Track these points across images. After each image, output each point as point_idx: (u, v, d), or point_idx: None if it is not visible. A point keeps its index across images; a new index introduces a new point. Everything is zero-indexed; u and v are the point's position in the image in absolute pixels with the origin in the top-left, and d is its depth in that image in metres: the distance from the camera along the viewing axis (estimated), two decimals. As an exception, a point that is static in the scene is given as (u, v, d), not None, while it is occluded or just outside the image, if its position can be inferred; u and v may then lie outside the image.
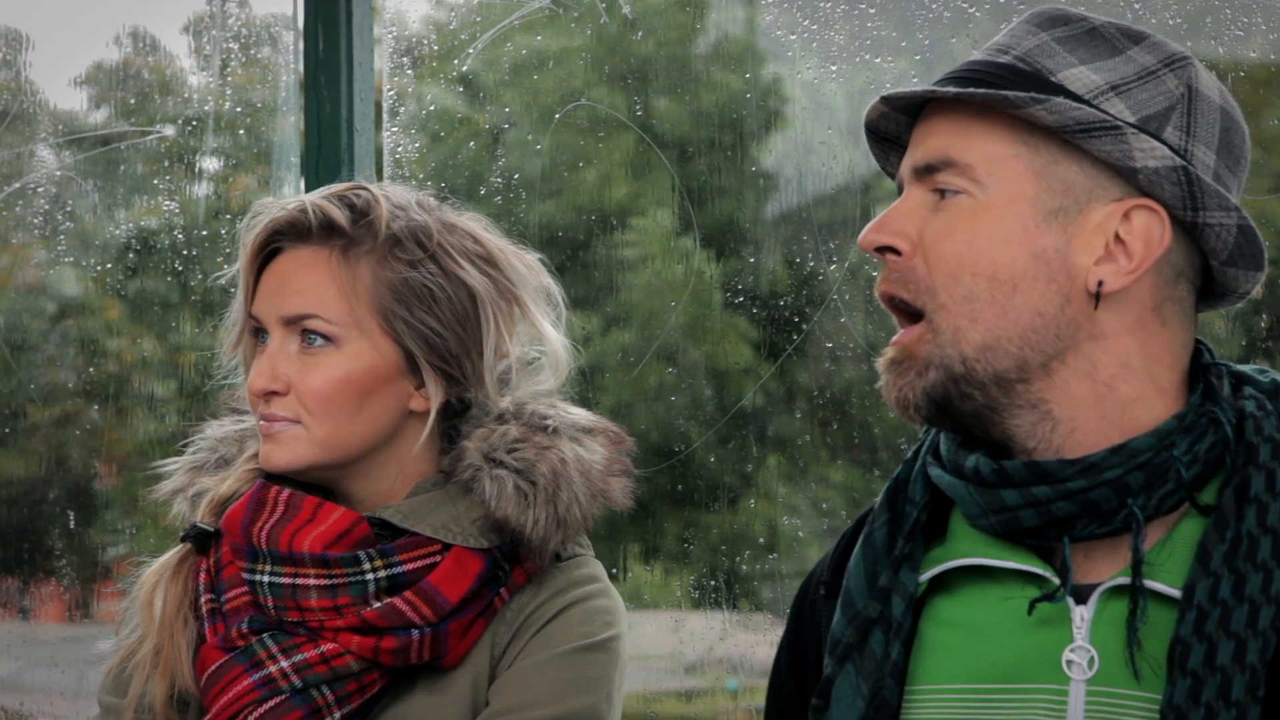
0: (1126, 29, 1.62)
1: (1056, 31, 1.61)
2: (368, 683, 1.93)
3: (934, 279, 1.58)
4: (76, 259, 3.51)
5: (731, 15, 3.17)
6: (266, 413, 1.96)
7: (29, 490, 3.51)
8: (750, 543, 3.10)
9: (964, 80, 1.61)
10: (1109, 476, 1.53)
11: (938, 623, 1.63)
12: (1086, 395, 1.57)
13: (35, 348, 3.52)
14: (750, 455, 3.12)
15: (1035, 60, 1.59)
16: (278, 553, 1.93)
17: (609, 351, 3.17)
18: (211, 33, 3.45)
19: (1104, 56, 1.60)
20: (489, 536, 1.94)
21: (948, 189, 1.59)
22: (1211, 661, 1.46)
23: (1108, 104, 1.56)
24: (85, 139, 3.48)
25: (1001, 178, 1.57)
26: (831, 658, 1.63)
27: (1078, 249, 1.56)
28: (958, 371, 1.58)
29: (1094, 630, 1.54)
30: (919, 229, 1.60)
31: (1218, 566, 1.49)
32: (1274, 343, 2.88)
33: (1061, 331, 1.57)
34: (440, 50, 3.29)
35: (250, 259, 2.00)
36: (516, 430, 1.98)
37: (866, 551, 1.66)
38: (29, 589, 3.51)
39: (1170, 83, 1.59)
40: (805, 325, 3.06)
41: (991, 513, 1.58)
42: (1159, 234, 1.56)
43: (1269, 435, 1.55)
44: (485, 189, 3.21)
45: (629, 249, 3.17)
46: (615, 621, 2.00)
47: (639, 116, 3.14)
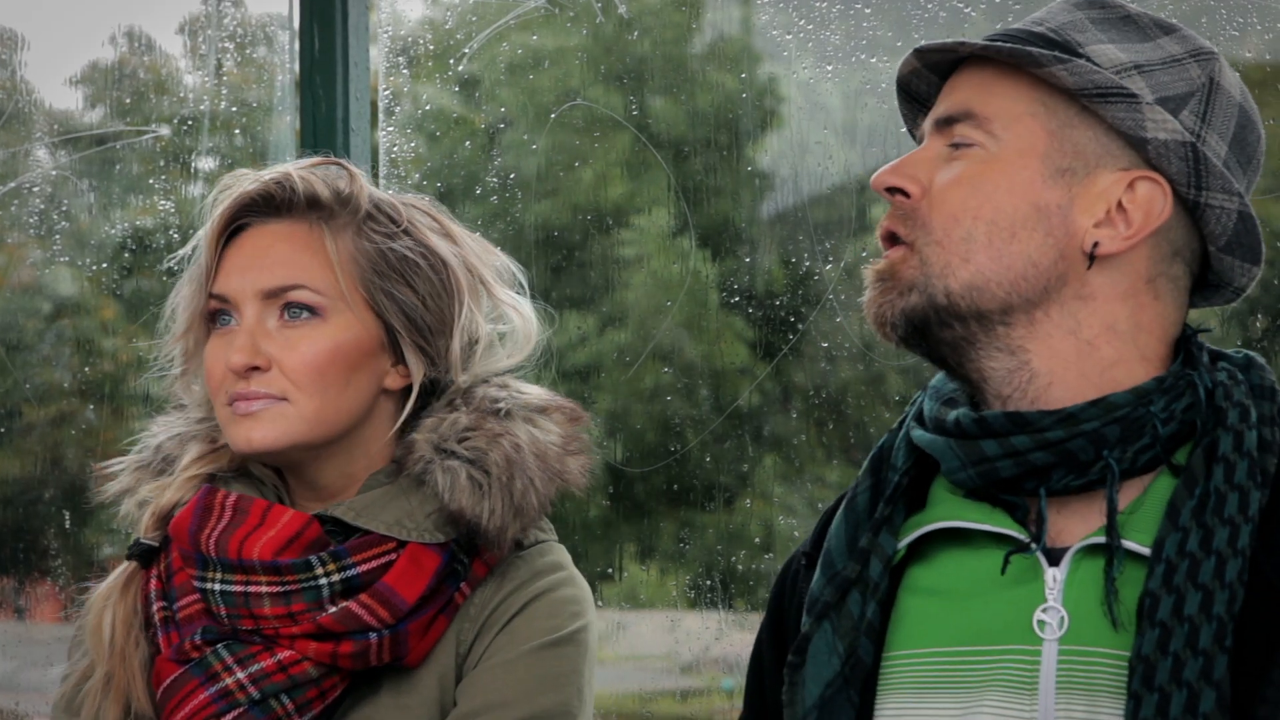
0: (1160, 20, 1.67)
1: (1092, 12, 1.66)
2: (328, 688, 1.88)
3: (934, 219, 1.62)
4: (72, 259, 3.50)
5: (727, 15, 3.17)
6: (244, 391, 1.89)
7: (24, 490, 3.51)
8: (746, 542, 3.10)
9: (998, 39, 1.66)
10: (1086, 428, 1.57)
11: (914, 590, 1.65)
12: (1068, 350, 1.61)
13: (31, 347, 3.52)
14: (746, 455, 3.12)
15: (1066, 32, 1.64)
16: (227, 560, 1.87)
17: (605, 351, 3.17)
18: (207, 32, 3.45)
19: (1133, 40, 1.64)
20: (445, 530, 1.89)
21: (962, 142, 1.63)
22: (1179, 612, 1.49)
23: (1129, 80, 1.61)
24: (81, 138, 3.48)
25: (1016, 133, 1.62)
26: (809, 615, 1.65)
27: (1080, 209, 1.60)
28: (940, 302, 1.62)
29: (1066, 591, 1.57)
30: (930, 176, 1.64)
31: (1186, 521, 1.53)
32: (1269, 343, 2.88)
33: (1051, 284, 1.61)
34: (436, 50, 3.29)
35: (216, 234, 1.93)
36: (466, 418, 1.93)
37: (848, 515, 1.69)
38: (24, 589, 3.51)
39: (1193, 71, 1.63)
40: (801, 325, 3.06)
41: (971, 464, 1.61)
42: (1160, 206, 1.60)
43: (1238, 401, 1.59)
44: (481, 188, 3.21)
45: (625, 248, 3.17)
46: (582, 611, 1.95)
47: (635, 116, 3.14)
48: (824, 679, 1.62)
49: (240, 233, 1.94)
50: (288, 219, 1.93)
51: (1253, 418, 1.58)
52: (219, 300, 1.93)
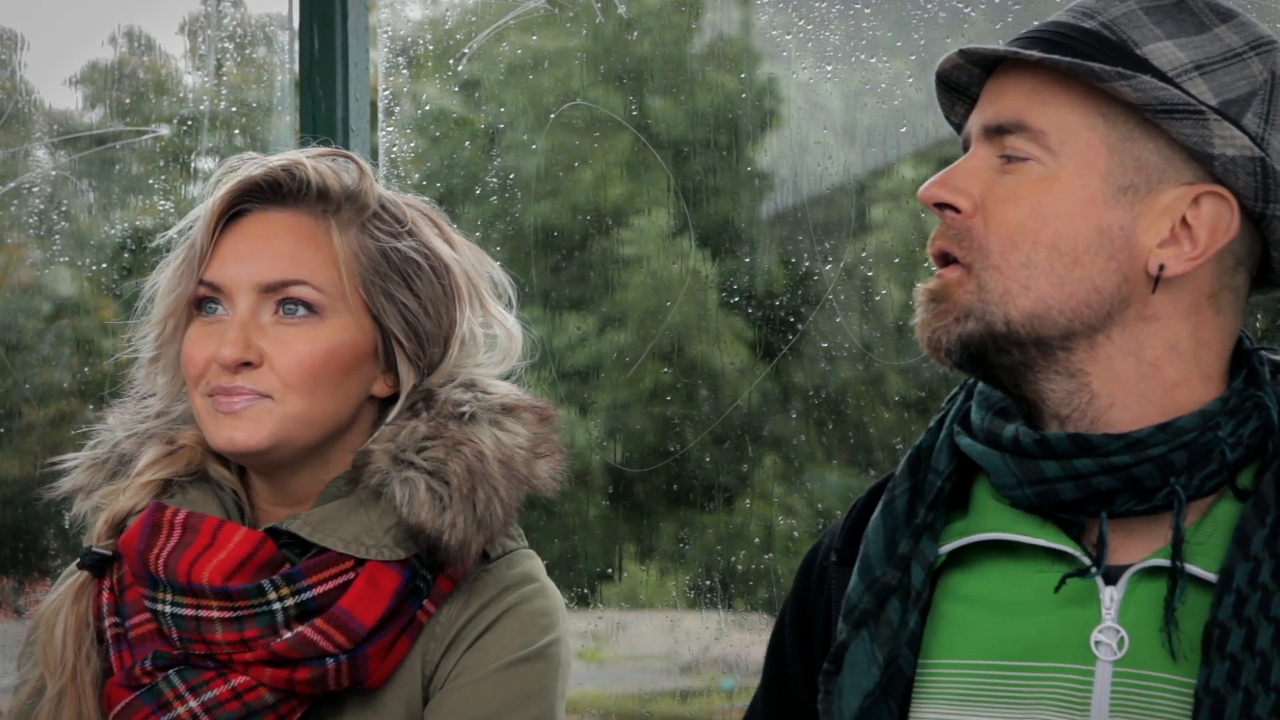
0: (1216, 4, 1.59)
1: (1145, 1, 1.59)
2: (285, 713, 1.80)
3: (990, 241, 1.56)
4: (72, 259, 3.50)
5: (727, 15, 3.17)
6: (229, 385, 1.80)
7: (24, 490, 3.51)
8: (746, 543, 3.10)
9: (1047, 43, 1.58)
10: (1154, 453, 1.52)
11: (953, 597, 1.61)
12: (1129, 372, 1.56)
13: (30, 347, 3.52)
14: (746, 455, 3.12)
15: (1121, 29, 1.56)
16: (177, 583, 1.78)
17: (605, 351, 3.17)
18: (207, 32, 3.45)
19: (1190, 32, 1.57)
20: (405, 546, 1.80)
21: (1016, 155, 1.57)
22: (1251, 645, 1.45)
23: (1190, 84, 1.54)
24: (80, 139, 3.48)
25: (1074, 148, 1.55)
26: (846, 623, 1.61)
27: (1143, 229, 1.54)
28: (999, 330, 1.56)
29: (1123, 612, 1.53)
30: (982, 189, 1.58)
31: (1258, 550, 1.48)
32: (1269, 343, 2.88)
33: (1114, 308, 1.55)
34: (436, 50, 3.29)
35: (215, 216, 1.84)
36: (426, 426, 1.83)
37: (886, 519, 1.64)
38: (24, 589, 3.51)
39: (1255, 67, 1.56)
40: (801, 325, 3.06)
41: (1029, 484, 1.56)
42: (1226, 223, 1.55)
43: None
44: (481, 189, 3.21)
45: (625, 249, 3.17)
46: (553, 624, 1.87)
47: (635, 116, 3.14)
48: (863, 689, 1.58)
49: (239, 218, 1.86)
50: (291, 209, 1.85)
51: None
52: (209, 287, 1.84)
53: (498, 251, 3.18)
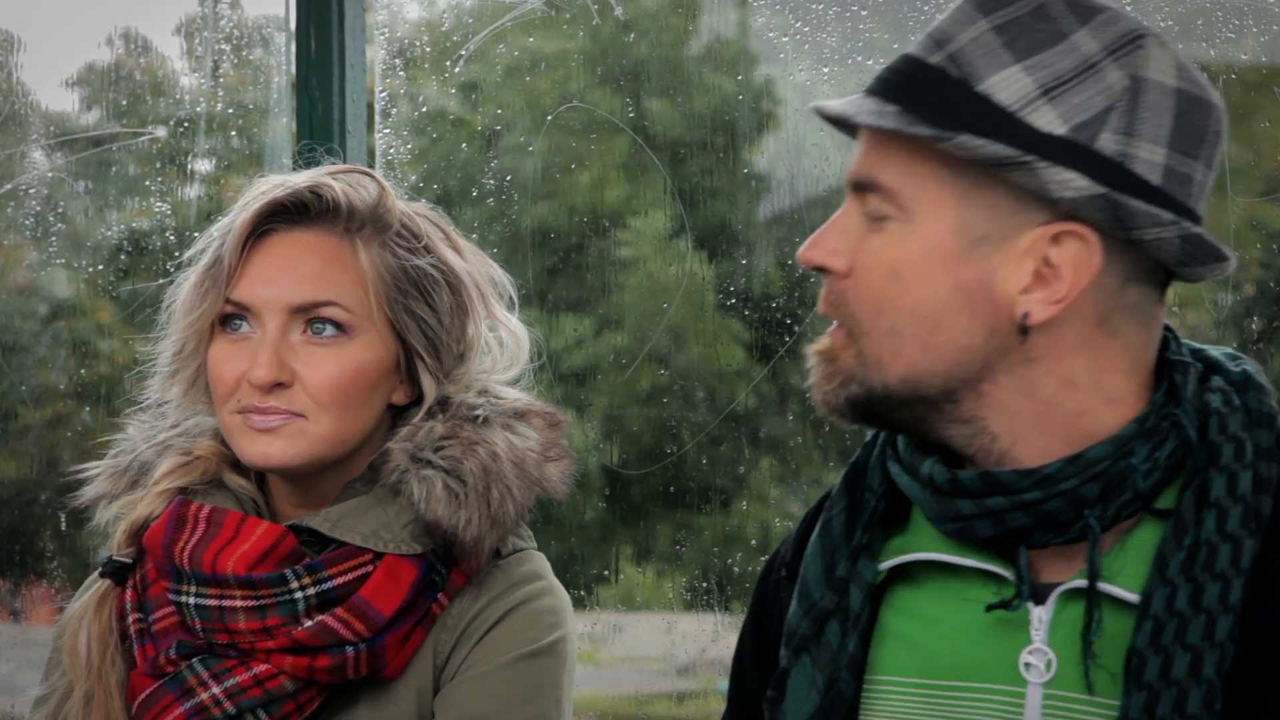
0: (1077, 3, 1.51)
1: (999, 15, 1.51)
2: (305, 701, 1.85)
3: (860, 309, 1.53)
4: (68, 260, 3.50)
5: (724, 18, 3.17)
6: (261, 405, 1.84)
7: (20, 492, 3.51)
8: (743, 545, 3.10)
9: (890, 86, 1.53)
10: (1065, 488, 1.48)
11: (899, 611, 1.60)
12: (1026, 412, 1.52)
13: (27, 349, 3.52)
14: (743, 457, 3.12)
15: (965, 62, 1.50)
16: (201, 574, 1.83)
17: (602, 353, 3.17)
18: (203, 34, 3.45)
19: (1044, 46, 1.49)
20: (421, 541, 1.86)
21: (875, 213, 1.52)
22: (1167, 675, 1.42)
23: (1036, 114, 1.47)
24: (77, 140, 3.48)
25: (924, 204, 1.50)
26: (787, 649, 1.60)
27: (1003, 278, 1.49)
28: (880, 394, 1.53)
29: (1052, 633, 1.51)
30: (855, 246, 1.53)
31: (1175, 575, 1.45)
32: (1266, 344, 2.89)
33: (990, 359, 1.50)
34: (433, 52, 3.29)
35: (241, 237, 1.86)
36: (442, 427, 1.88)
37: (824, 540, 1.62)
38: (20, 591, 3.51)
39: (1111, 76, 1.48)
40: (798, 327, 3.06)
41: (947, 519, 1.54)
42: (1087, 259, 1.48)
43: (1234, 434, 1.49)
44: (478, 190, 3.21)
45: (622, 250, 3.18)
46: (561, 621, 1.91)
47: (632, 118, 3.14)
48: (804, 714, 1.57)
49: (265, 238, 1.88)
50: (317, 229, 1.88)
51: (1248, 454, 1.48)
52: (237, 307, 1.87)
53: (495, 253, 3.17)
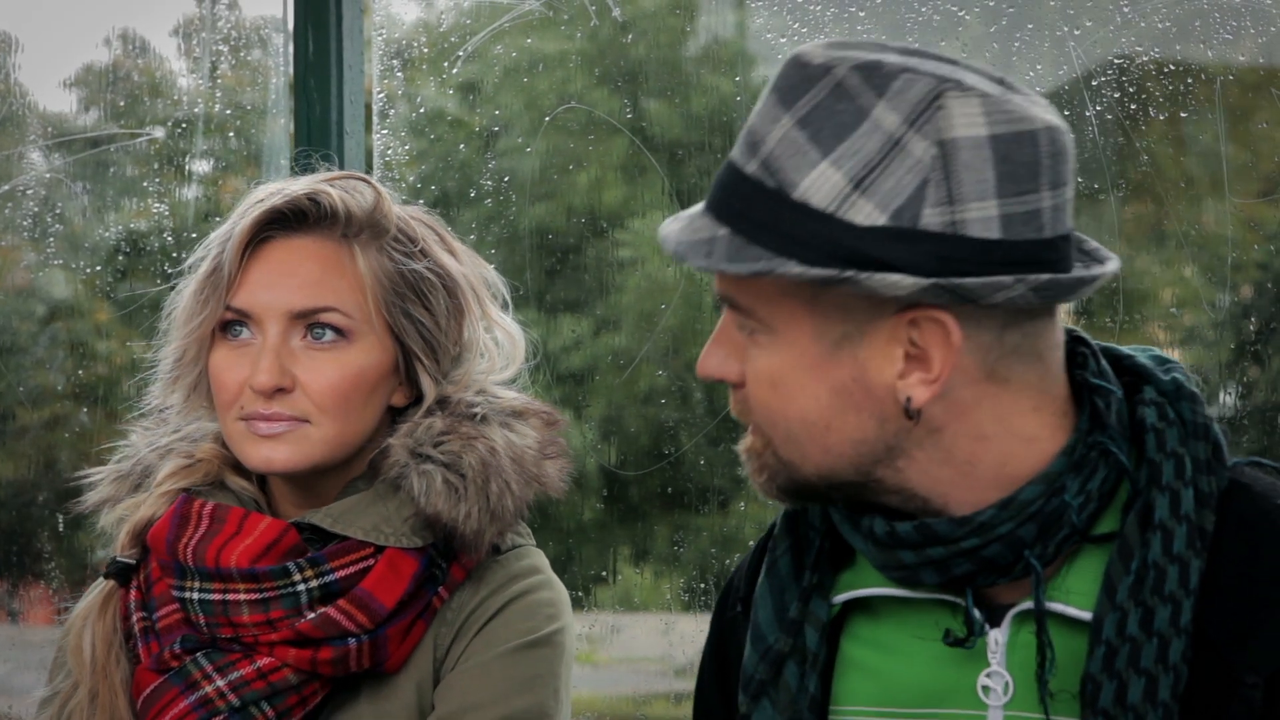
0: (871, 71, 1.46)
1: (800, 105, 1.47)
2: (308, 694, 1.87)
3: (759, 418, 1.54)
4: (66, 261, 3.50)
5: (722, 19, 3.17)
6: (265, 411, 1.86)
7: (18, 493, 3.51)
8: (741, 545, 3.10)
9: (720, 204, 1.52)
10: (1001, 532, 1.48)
11: (860, 641, 1.60)
12: (949, 475, 1.51)
13: (24, 350, 3.52)
14: (741, 458, 3.12)
15: (778, 167, 1.47)
16: (205, 569, 1.86)
17: (600, 354, 3.17)
18: (201, 35, 3.45)
19: (847, 131, 1.45)
20: (422, 534, 1.88)
21: (745, 326, 1.53)
22: (1123, 700, 1.43)
23: (854, 210, 1.44)
24: (75, 141, 3.48)
25: (780, 318, 1.49)
26: (746, 695, 1.60)
27: (876, 369, 1.48)
28: (804, 484, 1.54)
29: (1009, 655, 1.52)
30: (741, 355, 1.54)
31: (1124, 600, 1.45)
32: (1263, 345, 2.89)
33: (892, 442, 1.50)
34: (431, 53, 3.29)
35: (240, 245, 1.88)
36: (442, 423, 1.90)
37: (772, 582, 1.62)
38: (18, 592, 3.51)
39: (917, 150, 1.44)
40: (796, 328, 3.06)
41: (892, 569, 1.54)
42: (946, 337, 1.46)
43: (1172, 450, 1.48)
44: (476, 191, 3.21)
45: (621, 251, 3.18)
46: (559, 614, 1.93)
47: (630, 119, 3.15)
48: None
49: (263, 245, 1.90)
50: (315, 235, 1.90)
51: (1188, 470, 1.48)
52: (237, 313, 1.89)
53: (493, 254, 3.18)
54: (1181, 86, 2.88)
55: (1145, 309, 2.97)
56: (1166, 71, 2.88)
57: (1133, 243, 2.96)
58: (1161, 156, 2.93)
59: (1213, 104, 2.87)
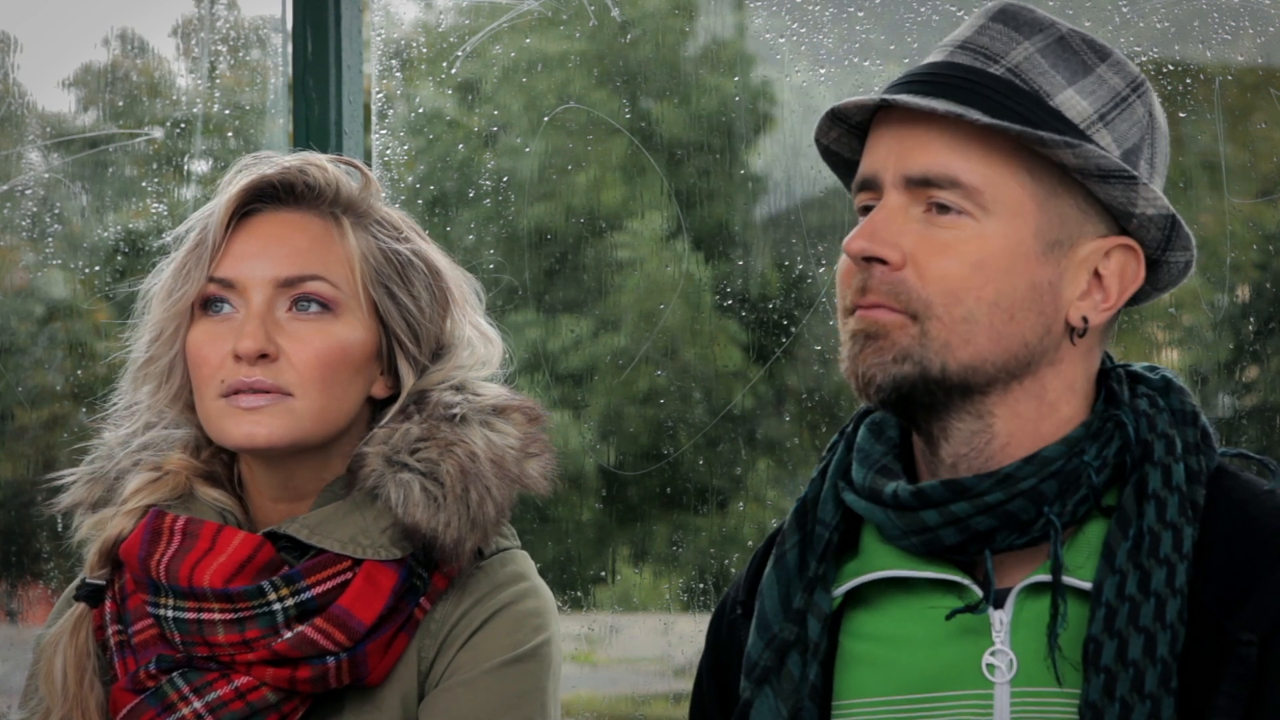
0: (1089, 40, 1.62)
1: (1037, 40, 1.60)
2: (288, 712, 1.83)
3: (930, 293, 1.57)
4: (64, 261, 3.50)
5: (721, 19, 3.17)
6: (248, 380, 1.83)
7: (16, 493, 3.50)
8: (740, 545, 3.10)
9: (958, 90, 1.58)
10: (1024, 487, 1.56)
11: (858, 636, 1.64)
12: (1030, 413, 1.60)
13: (23, 350, 3.52)
14: (740, 458, 3.12)
15: (1030, 78, 1.58)
16: (179, 587, 1.82)
17: (599, 354, 3.17)
18: (200, 35, 3.44)
19: (1080, 75, 1.59)
20: (401, 545, 1.84)
21: (950, 206, 1.57)
22: (1124, 657, 1.49)
23: (1099, 135, 1.58)
24: (73, 141, 3.47)
25: (1005, 205, 1.57)
26: (749, 680, 1.64)
27: (1066, 282, 1.59)
28: (934, 376, 1.58)
29: (1013, 633, 1.57)
30: (912, 241, 1.57)
31: (1123, 563, 1.52)
32: (1262, 345, 2.89)
33: (1035, 359, 1.60)
34: (429, 53, 3.29)
35: (227, 214, 1.86)
36: (418, 428, 1.87)
37: (779, 574, 1.66)
38: (16, 592, 3.50)
39: (1139, 111, 1.61)
40: (794, 328, 3.06)
41: (913, 533, 1.59)
42: (1134, 272, 1.60)
43: (1162, 432, 1.58)
44: (475, 191, 3.21)
45: (620, 252, 3.18)
46: (545, 624, 1.90)
47: (629, 120, 3.14)
48: None
49: (249, 218, 1.89)
50: (302, 209, 1.89)
51: (1178, 449, 1.57)
52: (221, 284, 1.87)
53: (492, 254, 3.18)
54: (1180, 87, 2.88)
55: (1143, 309, 2.97)
56: (1165, 71, 2.88)
57: (1131, 243, 2.96)
58: (1160, 157, 2.93)
59: (1211, 104, 2.87)
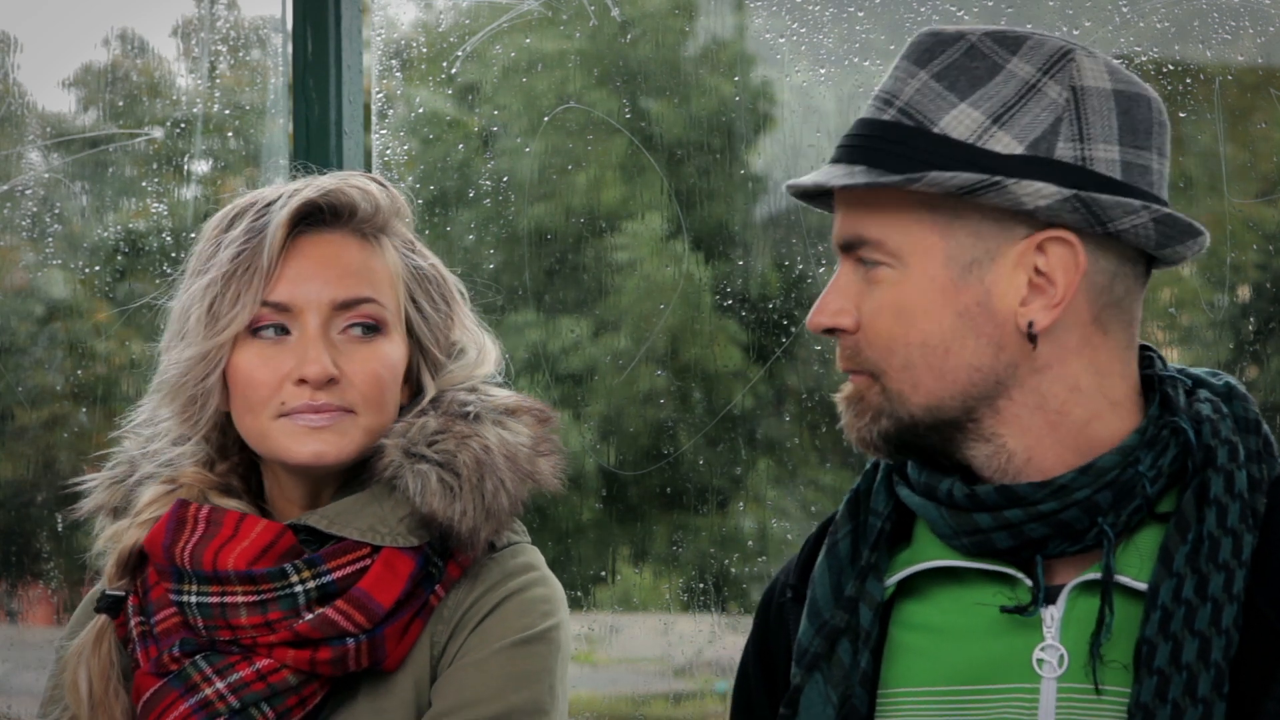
0: (1003, 36, 1.61)
1: (935, 64, 1.61)
2: (308, 695, 1.88)
3: (875, 351, 1.62)
4: (65, 261, 3.50)
5: (721, 19, 3.17)
6: (314, 403, 1.87)
7: (16, 493, 3.50)
8: (739, 545, 3.10)
9: (853, 151, 1.62)
10: (1079, 497, 1.56)
11: (907, 626, 1.65)
12: (1039, 425, 1.60)
13: (23, 350, 3.52)
14: (740, 458, 3.12)
15: (917, 110, 1.60)
16: (202, 572, 1.87)
17: (599, 355, 3.17)
18: (200, 35, 3.45)
19: (983, 81, 1.59)
20: (418, 533, 1.89)
21: (870, 261, 1.61)
22: (1177, 660, 1.49)
23: (992, 141, 1.57)
24: (74, 141, 3.48)
25: (912, 246, 1.59)
26: (799, 667, 1.65)
27: (1000, 294, 1.59)
28: (908, 423, 1.61)
29: (1064, 629, 1.57)
30: (857, 303, 1.63)
31: (1180, 567, 1.52)
32: (1262, 345, 2.89)
33: (1001, 375, 1.60)
34: (429, 53, 3.29)
35: (280, 238, 1.88)
36: (435, 422, 1.92)
37: (831, 562, 1.68)
38: (16, 592, 3.51)
39: (1052, 92, 1.58)
40: (794, 328, 3.07)
41: (964, 534, 1.60)
42: (1074, 260, 1.58)
43: (1225, 438, 1.58)
44: (475, 191, 3.21)
45: (619, 252, 3.18)
46: (554, 610, 1.95)
47: (629, 120, 3.14)
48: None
49: (293, 240, 1.91)
50: (342, 229, 1.93)
51: (1241, 456, 1.57)
52: (275, 309, 1.89)
53: (491, 254, 3.18)
54: (1180, 87, 2.88)
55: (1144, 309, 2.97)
56: (1165, 71, 2.88)
57: (1131, 243, 2.96)
58: (1160, 157, 2.93)
59: (1211, 104, 2.87)
